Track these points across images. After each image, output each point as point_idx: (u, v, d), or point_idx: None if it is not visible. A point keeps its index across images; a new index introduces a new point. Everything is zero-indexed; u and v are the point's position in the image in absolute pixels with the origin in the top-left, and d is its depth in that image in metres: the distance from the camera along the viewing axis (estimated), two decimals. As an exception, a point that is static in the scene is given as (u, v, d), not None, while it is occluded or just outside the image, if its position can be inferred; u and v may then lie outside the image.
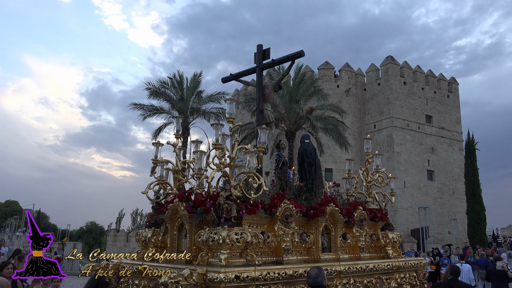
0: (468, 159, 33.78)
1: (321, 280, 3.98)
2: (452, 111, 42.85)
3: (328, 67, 39.76)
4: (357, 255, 5.47)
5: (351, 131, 37.08)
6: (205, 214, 4.47)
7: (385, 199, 6.31)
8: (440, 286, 5.78)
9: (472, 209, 32.74)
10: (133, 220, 61.52)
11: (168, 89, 28.98)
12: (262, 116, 6.26)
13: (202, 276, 3.90)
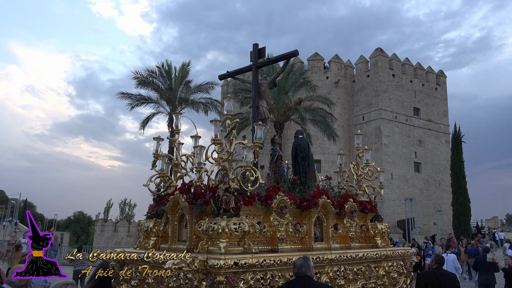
0: (454, 151, 34.55)
1: (306, 270, 4.19)
2: (440, 104, 43.66)
3: (318, 58, 40.08)
4: (348, 244, 5.83)
5: (340, 122, 37.57)
6: (205, 205, 4.77)
7: (374, 192, 6.69)
8: (426, 274, 6.15)
9: (457, 200, 33.57)
10: (121, 210, 61.56)
11: (156, 78, 28.90)
12: (258, 112, 6.55)
13: (203, 263, 4.20)
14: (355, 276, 5.40)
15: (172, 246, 5.16)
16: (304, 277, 4.18)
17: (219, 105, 30.67)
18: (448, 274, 6.20)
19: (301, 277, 4.19)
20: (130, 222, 40.63)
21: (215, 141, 4.94)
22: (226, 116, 5.26)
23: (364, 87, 40.47)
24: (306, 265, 4.21)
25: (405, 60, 42.06)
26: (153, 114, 29.48)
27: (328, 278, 5.06)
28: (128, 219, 54.23)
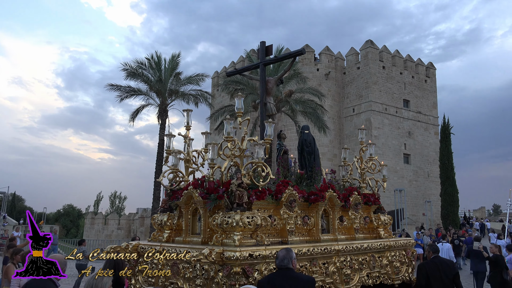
0: (443, 143, 35.24)
1: (287, 262, 4.21)
2: (429, 95, 44.33)
3: (308, 50, 40.28)
4: (353, 235, 6.14)
5: (330, 114, 37.97)
6: (219, 200, 5.01)
7: (377, 185, 7.00)
8: (427, 265, 6.44)
9: (446, 191, 34.33)
10: (112, 203, 61.48)
11: (146, 70, 28.76)
12: (265, 108, 6.78)
13: (220, 255, 4.44)
14: (360, 266, 5.71)
15: (186, 238, 5.40)
16: (286, 269, 4.21)
17: (209, 97, 30.70)
18: (447, 262, 6.55)
19: (283, 269, 4.21)
20: (121, 215, 40.67)
21: (228, 138, 5.16)
22: (238, 114, 5.48)
23: (355, 79, 40.87)
24: (288, 257, 4.24)
25: (395, 52, 42.51)
26: (143, 106, 29.43)
27: (335, 268, 5.36)
28: (118, 212, 54.17)
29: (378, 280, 5.94)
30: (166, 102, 28.65)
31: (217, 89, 42.57)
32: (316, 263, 5.16)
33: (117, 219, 35.46)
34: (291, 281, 4.12)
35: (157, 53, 29.64)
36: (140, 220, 33.20)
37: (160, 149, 26.87)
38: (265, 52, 7.07)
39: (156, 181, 26.50)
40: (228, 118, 5.33)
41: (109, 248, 5.58)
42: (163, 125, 28.00)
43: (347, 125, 41.12)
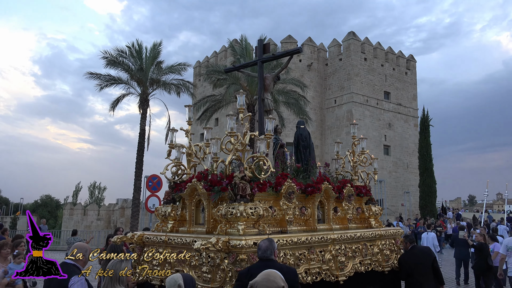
0: (422, 135, 36.25)
1: (270, 253, 4.17)
2: (409, 88, 45.34)
3: (291, 41, 40.58)
4: (346, 225, 6.52)
5: (312, 105, 38.48)
6: (223, 192, 5.30)
7: (368, 177, 7.41)
8: (406, 256, 6.82)
9: (424, 182, 35.42)
10: (91, 193, 61.06)
11: (126, 58, 28.33)
12: (263, 104, 7.07)
13: (226, 243, 4.74)
14: (353, 254, 6.11)
15: (190, 228, 5.69)
16: (268, 260, 4.16)
17: (191, 87, 30.63)
18: (423, 249, 6.94)
19: (265, 260, 4.15)
20: (100, 206, 40.38)
21: (231, 133, 5.44)
22: (239, 110, 5.75)
23: (337, 71, 41.44)
24: (271, 247, 4.21)
25: (376, 44, 43.23)
26: (124, 95, 29.05)
27: (331, 255, 5.73)
28: (98, 202, 53.75)
29: (370, 267, 6.36)
30: (147, 92, 28.33)
31: (199, 79, 42.49)
32: (313, 251, 5.52)
33: (97, 209, 35.28)
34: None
35: (138, 41, 29.28)
36: (120, 210, 33.14)
37: (141, 139, 26.70)
38: (262, 50, 7.35)
39: (137, 171, 26.40)
40: (232, 114, 5.60)
41: (115, 238, 5.83)
42: (144, 115, 27.80)
43: (328, 116, 41.74)
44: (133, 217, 25.01)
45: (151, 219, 22.12)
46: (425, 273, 6.51)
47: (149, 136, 27.53)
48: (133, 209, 25.28)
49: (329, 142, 40.15)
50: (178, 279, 3.45)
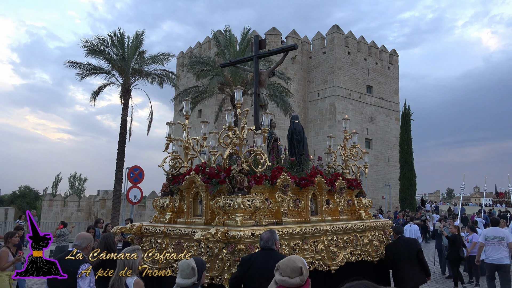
0: (403, 129, 36.94)
1: (271, 243, 4.48)
2: (391, 82, 46.06)
3: (276, 33, 40.69)
4: (337, 217, 6.76)
5: (296, 98, 38.75)
6: (220, 184, 5.47)
7: (359, 171, 7.67)
8: (392, 245, 7.16)
9: (404, 176, 36.18)
10: (71, 184, 60.28)
11: (108, 47, 27.95)
12: (258, 99, 7.23)
13: (224, 234, 4.92)
14: (344, 244, 6.36)
15: (188, 220, 5.83)
16: (270, 250, 4.48)
17: (174, 77, 30.44)
18: (410, 240, 7.30)
19: (267, 250, 4.48)
20: (81, 197, 39.95)
21: (229, 128, 5.59)
22: (237, 105, 5.90)
23: (320, 64, 41.78)
24: (272, 238, 4.51)
25: (360, 38, 43.70)
26: (105, 85, 28.71)
27: (323, 246, 5.97)
28: (78, 193, 53.13)
29: (360, 257, 6.62)
30: (129, 82, 28.03)
31: (182, 70, 42.26)
32: (307, 242, 5.74)
33: (77, 201, 34.92)
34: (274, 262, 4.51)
35: (120, 30, 28.96)
36: (101, 202, 32.93)
37: (122, 130, 26.46)
38: (258, 46, 7.50)
39: (119, 163, 26.25)
40: (230, 109, 5.74)
41: (115, 229, 5.94)
42: (126, 105, 27.54)
43: (311, 109, 42.13)
44: (114, 208, 24.92)
45: (132, 211, 22.07)
46: (410, 263, 6.86)
47: (131, 127, 27.35)
48: (114, 201, 25.17)
49: (312, 135, 40.54)
50: (191, 262, 3.65)
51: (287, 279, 2.98)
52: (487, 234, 9.29)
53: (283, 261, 3.10)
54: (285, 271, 3.01)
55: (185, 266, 3.62)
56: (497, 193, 50.38)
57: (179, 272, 3.65)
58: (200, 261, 3.84)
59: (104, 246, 5.77)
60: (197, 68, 28.76)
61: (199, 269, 3.68)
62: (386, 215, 26.79)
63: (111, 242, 5.89)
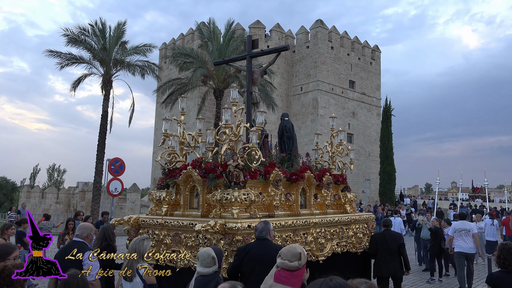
0: (384, 124, 37.87)
1: (266, 234, 4.82)
2: (373, 78, 46.93)
3: (259, 26, 40.97)
4: (325, 211, 7.21)
5: (279, 92, 39.20)
6: (217, 179, 5.84)
7: (345, 167, 8.15)
8: (376, 236, 7.75)
9: (384, 170, 37.16)
10: (50, 176, 59.58)
11: (89, 37, 27.72)
12: (251, 97, 7.61)
13: (223, 226, 5.29)
14: (331, 236, 6.83)
15: (185, 212, 6.20)
16: (264, 240, 4.83)
17: (157, 69, 30.39)
18: (394, 234, 7.90)
19: (261, 240, 4.83)
20: (59, 189, 39.66)
21: (226, 125, 5.96)
22: (233, 103, 6.26)
23: (304, 58, 42.28)
24: (266, 229, 4.86)
25: (343, 33, 44.33)
26: (86, 75, 28.50)
27: (312, 237, 6.41)
28: (57, 185, 52.60)
29: (345, 248, 7.11)
30: (111, 72, 27.90)
31: (165, 62, 42.20)
32: (298, 234, 6.17)
33: (56, 193, 34.67)
34: (268, 250, 4.80)
35: (102, 19, 28.73)
36: (80, 194, 32.79)
37: (103, 121, 26.39)
38: (251, 46, 7.87)
39: (99, 154, 26.24)
40: (227, 107, 6.09)
41: (113, 220, 6.27)
42: (107, 96, 27.43)
43: (294, 103, 42.66)
44: (94, 200, 24.96)
45: (113, 203, 22.12)
46: (391, 254, 7.49)
47: (112, 118, 27.32)
48: (94, 193, 25.20)
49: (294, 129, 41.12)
50: (210, 252, 3.92)
51: (287, 262, 3.39)
52: (455, 227, 10.37)
53: (285, 248, 3.52)
54: (286, 256, 3.43)
55: (206, 256, 3.88)
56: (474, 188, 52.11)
57: (199, 261, 3.92)
58: (218, 250, 4.12)
59: (103, 237, 6.11)
60: (180, 60, 28.77)
61: (219, 258, 3.95)
62: (366, 209, 27.57)
63: (110, 233, 6.22)
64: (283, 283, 3.30)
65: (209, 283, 3.86)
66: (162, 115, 45.02)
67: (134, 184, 32.39)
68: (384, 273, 7.45)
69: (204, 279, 3.89)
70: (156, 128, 46.19)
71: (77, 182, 38.40)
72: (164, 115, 44.97)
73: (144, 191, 44.09)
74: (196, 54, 27.95)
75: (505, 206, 35.94)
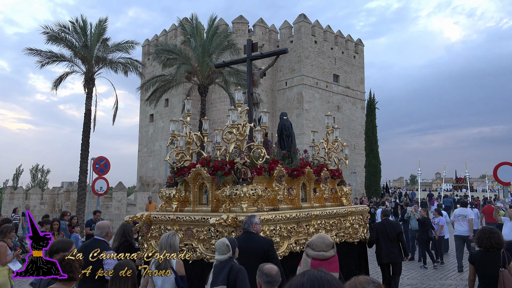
0: (369, 117, 38.79)
1: (248, 226, 5.35)
2: (357, 71, 47.83)
3: (243, 21, 41.35)
4: (323, 204, 7.79)
5: (264, 87, 39.75)
6: (225, 176, 6.36)
7: (340, 162, 8.76)
8: (377, 225, 8.52)
9: (370, 163, 38.13)
10: (33, 176, 59.18)
11: (69, 34, 27.61)
12: (252, 98, 8.14)
13: (234, 219, 5.81)
14: (330, 227, 7.41)
15: (195, 208, 6.70)
16: (248, 232, 5.38)
17: (140, 66, 30.45)
18: (393, 223, 8.69)
19: (246, 232, 5.40)
20: (44, 189, 39.50)
21: (233, 125, 6.46)
22: (237, 105, 6.75)
23: (288, 53, 42.81)
24: (249, 222, 5.40)
25: (326, 28, 45.02)
26: (67, 73, 28.45)
27: (313, 229, 6.98)
28: (41, 186, 52.20)
29: (343, 238, 7.71)
30: (93, 70, 27.86)
31: (148, 58, 42.19)
32: (301, 225, 6.73)
33: (40, 193, 34.56)
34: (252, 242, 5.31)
35: (83, 16, 28.67)
36: (65, 194, 32.79)
37: (86, 119, 26.40)
38: (251, 49, 8.39)
39: (83, 153, 26.30)
40: (233, 108, 6.59)
41: (127, 217, 6.72)
42: (90, 95, 27.44)
43: (279, 98, 43.24)
44: (80, 200, 25.00)
45: (98, 202, 22.25)
46: (391, 241, 8.26)
47: (95, 117, 27.38)
48: (79, 193, 25.21)
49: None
50: (225, 240, 4.58)
51: (323, 253, 3.81)
52: (456, 213, 12.10)
53: (315, 239, 3.95)
54: (319, 247, 3.84)
55: (221, 244, 4.54)
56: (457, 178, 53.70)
57: (216, 250, 4.55)
58: (232, 239, 4.76)
59: (122, 233, 6.55)
60: (163, 57, 28.95)
61: (232, 245, 4.58)
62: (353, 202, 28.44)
63: (129, 231, 6.67)
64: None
65: (224, 267, 4.49)
66: (147, 112, 45.32)
67: (120, 183, 32.52)
68: (385, 260, 8.19)
69: (220, 264, 4.55)
70: (141, 125, 46.23)
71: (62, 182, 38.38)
72: (148, 112, 45.02)
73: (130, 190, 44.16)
74: (179, 50, 28.14)
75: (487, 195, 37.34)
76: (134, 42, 29.68)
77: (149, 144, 44.56)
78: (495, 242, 5.44)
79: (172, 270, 4.88)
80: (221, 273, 4.46)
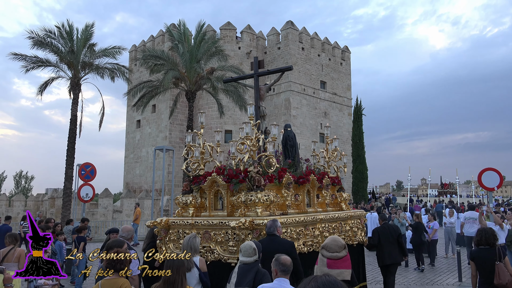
0: (355, 123, 39.99)
1: (273, 230, 5.92)
2: (344, 78, 49.09)
3: (230, 27, 42.19)
4: (325, 209, 8.60)
5: (251, 93, 40.32)
6: (240, 183, 7.10)
7: (339, 170, 9.61)
8: (379, 229, 9.31)
9: (357, 169, 39.28)
10: (17, 183, 58.84)
11: (55, 39, 27.79)
12: (259, 111, 8.95)
13: (251, 222, 6.54)
14: (333, 230, 8.21)
15: (211, 213, 7.42)
16: (272, 235, 5.95)
17: (127, 71, 30.73)
18: (393, 226, 9.56)
19: (270, 235, 5.96)
20: (27, 196, 39.44)
21: (247, 137, 7.22)
22: (250, 118, 7.51)
23: (275, 59, 43.79)
24: (274, 225, 5.98)
25: (313, 34, 46.17)
26: (53, 78, 28.56)
27: (318, 231, 7.76)
28: (24, 192, 51.90)
29: (344, 241, 8.51)
30: (79, 75, 28.00)
31: (135, 64, 42.63)
32: (308, 228, 7.50)
33: (24, 200, 34.64)
34: (276, 244, 5.96)
35: (69, 21, 28.89)
36: (50, 201, 32.96)
37: (72, 125, 26.47)
38: (258, 66, 9.22)
39: (69, 160, 26.44)
40: (247, 122, 7.36)
41: (149, 222, 7.41)
42: (76, 100, 27.58)
43: (267, 104, 43.66)
44: (65, 207, 25.09)
45: (84, 209, 22.40)
46: (392, 243, 9.05)
47: (81, 123, 27.61)
48: (64, 199, 25.34)
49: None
50: (252, 244, 5.11)
51: (337, 254, 4.28)
52: (466, 216, 13.85)
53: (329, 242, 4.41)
54: (333, 249, 4.31)
55: (248, 247, 5.05)
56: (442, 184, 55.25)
57: (241, 252, 5.05)
58: (258, 243, 5.31)
59: (152, 236, 7.32)
60: (150, 62, 29.26)
61: (258, 249, 5.12)
62: (350, 207, 29.40)
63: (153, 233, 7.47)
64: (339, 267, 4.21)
65: (250, 270, 4.94)
66: (134, 118, 45.63)
67: (106, 189, 32.80)
68: (387, 261, 8.94)
69: (246, 267, 4.97)
70: (128, 131, 46.47)
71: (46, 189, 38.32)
72: (135, 118, 45.19)
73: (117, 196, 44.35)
74: (167, 56, 28.51)
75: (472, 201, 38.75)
76: (121, 47, 30.02)
77: (136, 150, 44.83)
78: (491, 241, 6.46)
79: (196, 267, 5.56)
80: (247, 275, 4.90)
